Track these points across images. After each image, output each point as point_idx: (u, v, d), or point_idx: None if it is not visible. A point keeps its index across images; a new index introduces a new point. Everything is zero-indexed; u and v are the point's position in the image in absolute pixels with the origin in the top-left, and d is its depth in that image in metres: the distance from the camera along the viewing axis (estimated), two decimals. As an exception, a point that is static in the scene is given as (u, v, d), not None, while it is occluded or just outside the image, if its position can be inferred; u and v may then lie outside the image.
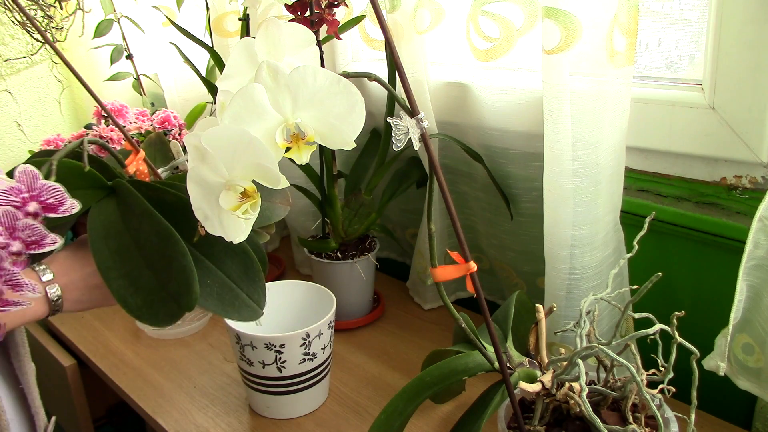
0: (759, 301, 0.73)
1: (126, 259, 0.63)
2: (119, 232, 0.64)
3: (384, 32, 0.48)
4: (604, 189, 0.82)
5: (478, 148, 1.00)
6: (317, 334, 0.86)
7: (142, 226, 0.63)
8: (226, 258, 0.66)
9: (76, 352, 1.15)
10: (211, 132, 0.50)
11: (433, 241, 0.58)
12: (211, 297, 0.64)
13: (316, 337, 0.86)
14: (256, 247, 0.67)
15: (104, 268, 0.62)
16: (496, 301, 1.18)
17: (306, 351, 0.86)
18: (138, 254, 0.63)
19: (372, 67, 1.21)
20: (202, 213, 0.56)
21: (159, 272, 0.62)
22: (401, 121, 0.50)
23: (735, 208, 0.82)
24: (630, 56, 0.77)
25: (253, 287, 0.65)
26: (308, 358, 0.86)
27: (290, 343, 0.84)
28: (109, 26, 1.38)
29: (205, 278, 0.64)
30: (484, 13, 0.89)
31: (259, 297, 0.65)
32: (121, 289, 0.62)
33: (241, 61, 0.57)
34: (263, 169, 0.51)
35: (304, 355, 0.86)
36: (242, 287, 0.65)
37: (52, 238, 0.50)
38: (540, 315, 0.67)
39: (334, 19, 0.92)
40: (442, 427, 0.87)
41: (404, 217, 1.28)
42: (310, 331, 0.85)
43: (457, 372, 0.67)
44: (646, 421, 0.62)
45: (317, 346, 0.87)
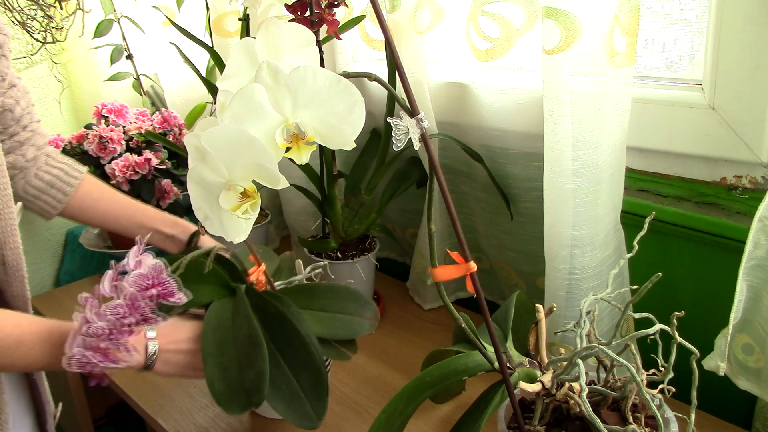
0: (759, 301, 0.73)
1: (223, 352, 0.74)
2: (226, 328, 0.76)
3: (384, 32, 0.48)
4: (604, 189, 0.82)
5: (478, 148, 1.00)
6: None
7: (242, 327, 0.75)
8: (302, 371, 0.75)
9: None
10: (211, 132, 0.50)
11: (433, 241, 0.58)
12: (283, 401, 0.74)
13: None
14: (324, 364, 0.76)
15: (205, 353, 0.74)
16: (496, 301, 1.18)
17: None
18: (233, 350, 0.74)
19: (372, 67, 1.21)
20: (202, 213, 0.56)
21: (243, 369, 0.72)
22: (401, 121, 0.50)
23: (735, 208, 0.82)
24: (630, 56, 0.77)
25: (318, 402, 0.74)
26: None
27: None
28: (109, 26, 1.38)
29: (281, 383, 0.74)
30: (484, 13, 0.89)
31: (321, 411, 0.74)
32: (213, 375, 0.73)
33: (241, 61, 0.57)
34: (263, 169, 0.51)
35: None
36: (310, 400, 0.74)
37: (155, 319, 0.64)
38: (540, 315, 0.67)
39: (334, 19, 0.92)
40: (442, 427, 0.87)
41: (404, 217, 1.28)
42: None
43: (457, 372, 0.67)
44: (646, 421, 0.62)
45: None
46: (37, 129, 0.89)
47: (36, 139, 0.89)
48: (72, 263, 1.53)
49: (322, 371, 0.75)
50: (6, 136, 0.85)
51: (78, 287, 1.36)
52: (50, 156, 0.94)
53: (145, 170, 1.32)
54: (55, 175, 0.93)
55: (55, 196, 0.93)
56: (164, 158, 1.34)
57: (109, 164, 1.31)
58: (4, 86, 0.81)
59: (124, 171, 1.30)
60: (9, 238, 0.74)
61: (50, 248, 1.54)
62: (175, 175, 1.37)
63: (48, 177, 0.92)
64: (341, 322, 0.81)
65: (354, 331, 0.81)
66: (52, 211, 0.94)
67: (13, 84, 0.83)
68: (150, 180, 1.32)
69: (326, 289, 0.83)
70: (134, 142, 1.31)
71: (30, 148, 0.88)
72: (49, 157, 0.94)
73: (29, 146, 0.88)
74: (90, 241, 1.44)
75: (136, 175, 1.30)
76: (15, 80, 0.84)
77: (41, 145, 0.91)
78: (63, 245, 1.57)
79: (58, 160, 0.95)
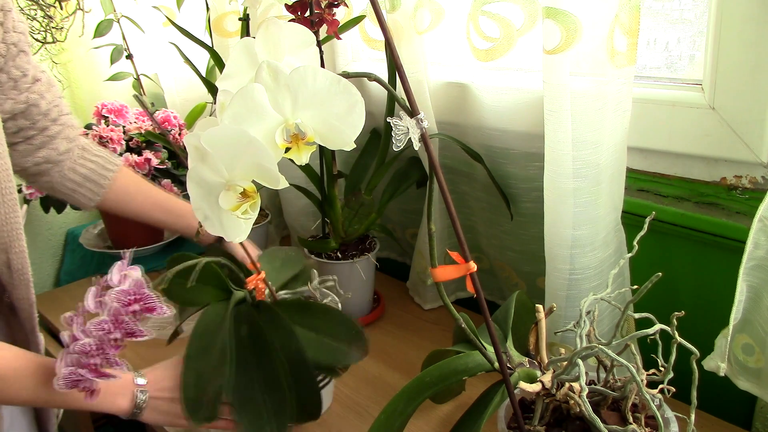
0: (759, 302, 0.73)
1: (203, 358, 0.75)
2: (212, 334, 0.77)
3: (384, 32, 0.48)
4: (604, 189, 0.82)
5: (478, 148, 1.00)
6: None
7: (219, 338, 0.77)
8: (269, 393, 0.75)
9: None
10: (211, 132, 0.50)
11: (433, 241, 0.58)
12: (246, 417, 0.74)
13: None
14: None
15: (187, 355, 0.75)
16: (496, 301, 1.18)
17: None
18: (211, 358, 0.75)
19: (372, 67, 1.21)
20: (202, 213, 0.56)
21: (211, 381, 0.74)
22: (401, 121, 0.50)
23: (735, 208, 0.82)
24: (631, 56, 0.77)
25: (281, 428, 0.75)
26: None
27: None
28: (109, 26, 1.38)
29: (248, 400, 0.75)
30: (484, 13, 0.89)
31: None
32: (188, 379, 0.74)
33: (241, 61, 0.57)
34: (263, 169, 0.51)
35: None
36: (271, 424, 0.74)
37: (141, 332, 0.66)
38: (540, 315, 0.67)
39: (334, 19, 0.92)
40: (442, 427, 0.87)
41: (404, 217, 1.28)
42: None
43: (457, 372, 0.67)
44: (646, 421, 0.62)
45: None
46: (67, 121, 0.90)
47: (67, 132, 0.90)
48: (72, 263, 1.53)
49: (286, 397, 0.74)
50: (36, 131, 0.86)
51: (78, 287, 1.36)
52: (85, 149, 0.94)
53: (145, 170, 1.32)
54: (90, 168, 0.93)
55: (92, 189, 0.94)
56: (164, 158, 1.34)
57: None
58: (28, 81, 0.82)
59: (124, 171, 1.30)
60: (15, 242, 0.75)
61: (50, 248, 1.54)
62: (175, 175, 1.37)
63: (83, 170, 0.93)
64: (327, 347, 0.78)
65: (336, 360, 0.79)
66: (89, 203, 0.95)
67: (37, 78, 0.84)
68: (150, 180, 1.32)
69: (322, 309, 0.81)
70: (134, 142, 1.31)
71: (62, 141, 0.89)
72: (85, 150, 0.94)
73: (61, 139, 0.88)
74: (90, 241, 1.44)
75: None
76: (39, 74, 0.84)
77: (73, 137, 0.91)
78: (63, 245, 1.57)
79: (93, 153, 0.95)
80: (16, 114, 0.83)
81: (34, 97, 0.83)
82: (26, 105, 0.82)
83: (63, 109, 0.89)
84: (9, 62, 0.79)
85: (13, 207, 0.74)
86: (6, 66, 0.79)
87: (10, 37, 0.77)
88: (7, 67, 0.79)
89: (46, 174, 0.90)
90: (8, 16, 0.76)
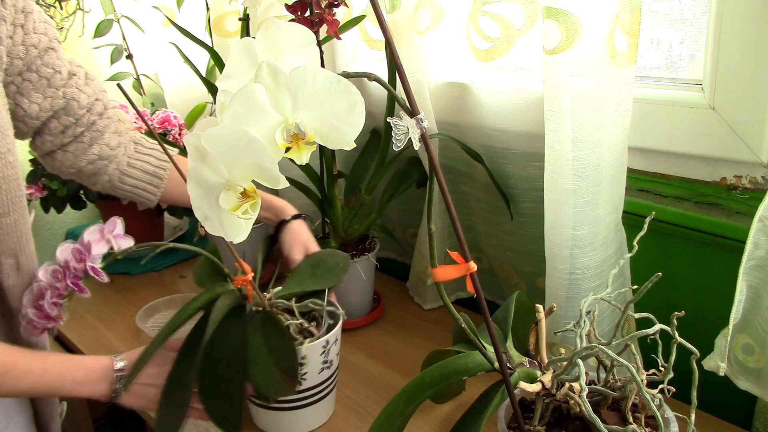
0: (759, 301, 0.73)
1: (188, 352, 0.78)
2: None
3: (384, 32, 0.48)
4: (605, 189, 0.82)
5: (478, 148, 1.00)
6: (334, 341, 0.84)
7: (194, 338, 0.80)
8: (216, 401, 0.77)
9: (76, 352, 1.15)
10: (211, 132, 0.50)
11: (433, 241, 0.58)
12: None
13: (333, 344, 0.84)
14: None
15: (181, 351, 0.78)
16: (496, 301, 1.18)
17: (325, 359, 0.83)
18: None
19: (372, 67, 1.21)
20: (202, 213, 0.56)
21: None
22: (401, 121, 0.50)
23: (735, 208, 0.82)
24: (632, 56, 0.77)
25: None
26: (326, 366, 0.84)
27: (311, 353, 0.81)
28: (109, 26, 1.38)
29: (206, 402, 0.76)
30: (484, 13, 0.89)
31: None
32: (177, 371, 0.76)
33: (241, 61, 0.57)
34: (263, 169, 0.51)
35: (324, 364, 0.84)
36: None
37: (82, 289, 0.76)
38: (540, 315, 0.67)
39: (334, 19, 0.92)
40: (442, 427, 0.87)
41: (404, 217, 1.28)
42: (329, 338, 0.82)
43: (457, 372, 0.67)
44: (646, 421, 0.62)
45: (333, 353, 0.85)
46: (114, 115, 0.89)
47: (116, 126, 0.89)
48: (72, 263, 1.53)
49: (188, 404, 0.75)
50: (82, 127, 0.86)
51: (78, 287, 1.36)
52: (139, 142, 0.93)
53: (145, 170, 1.31)
54: (146, 161, 0.93)
55: (152, 182, 0.93)
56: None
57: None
58: (63, 78, 0.82)
59: (124, 171, 1.30)
60: (24, 246, 0.76)
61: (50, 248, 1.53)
62: (175, 175, 1.37)
63: (140, 164, 0.92)
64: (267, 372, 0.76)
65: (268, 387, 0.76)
66: (152, 198, 0.94)
67: (73, 73, 0.84)
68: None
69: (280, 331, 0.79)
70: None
71: (112, 136, 0.88)
72: (138, 143, 0.93)
73: (111, 134, 0.88)
74: (90, 241, 1.44)
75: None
76: (74, 69, 0.84)
77: (123, 131, 0.91)
78: (63, 245, 1.57)
79: (147, 146, 0.94)
80: (58, 111, 0.83)
81: (72, 91, 0.83)
82: (65, 100, 0.82)
83: (108, 104, 0.88)
84: (36, 61, 0.79)
85: (23, 213, 0.75)
86: (34, 65, 0.79)
87: (29, 39, 0.77)
88: (36, 66, 0.79)
89: (104, 172, 0.89)
90: (29, 18, 0.77)
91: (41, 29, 0.79)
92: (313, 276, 0.89)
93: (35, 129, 0.84)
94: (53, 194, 1.31)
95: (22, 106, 0.79)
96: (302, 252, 0.93)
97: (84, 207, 1.38)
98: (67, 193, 1.31)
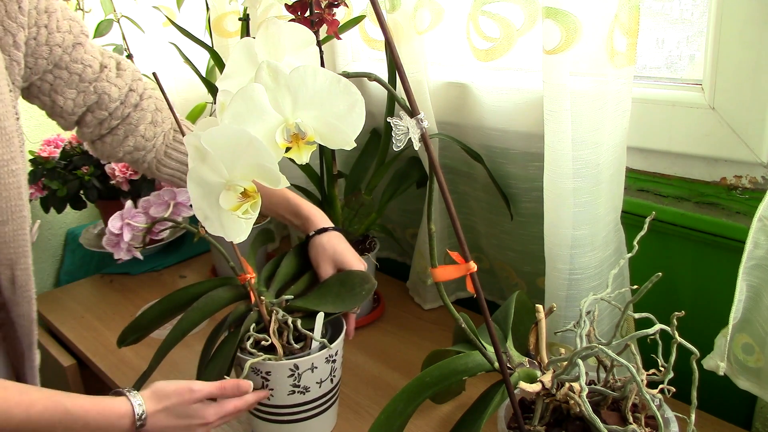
0: (759, 301, 0.73)
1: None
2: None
3: (384, 32, 0.48)
4: (604, 189, 0.82)
5: (478, 148, 1.00)
6: (309, 368, 0.79)
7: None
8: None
9: (76, 352, 1.15)
10: (211, 132, 0.50)
11: (433, 241, 0.58)
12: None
13: (308, 371, 0.79)
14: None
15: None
16: (496, 301, 1.18)
17: (295, 383, 0.79)
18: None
19: (372, 67, 1.21)
20: (202, 213, 0.56)
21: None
22: (401, 121, 0.50)
23: (735, 208, 0.82)
24: (631, 56, 0.77)
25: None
26: (298, 391, 0.80)
27: (277, 372, 0.78)
28: (109, 26, 1.38)
29: None
30: (484, 13, 0.89)
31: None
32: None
33: (241, 61, 0.57)
34: (263, 169, 0.51)
35: (294, 387, 0.80)
36: None
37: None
38: (540, 315, 0.67)
39: (334, 19, 0.92)
40: (442, 427, 0.87)
41: (404, 217, 1.28)
42: (300, 363, 0.78)
43: (457, 372, 0.67)
44: (646, 421, 0.62)
45: (310, 380, 0.80)
46: (149, 105, 0.89)
47: (152, 116, 0.90)
48: (72, 263, 1.53)
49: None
50: (117, 119, 0.87)
51: (78, 287, 1.36)
52: (178, 131, 0.93)
53: (145, 170, 1.31)
54: (182, 151, 0.93)
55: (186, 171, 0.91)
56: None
57: (109, 164, 1.32)
58: (94, 71, 0.83)
59: (124, 171, 1.30)
60: (21, 259, 0.75)
61: (50, 248, 1.54)
62: (175, 175, 1.37)
63: (176, 154, 0.93)
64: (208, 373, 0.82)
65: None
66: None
67: (104, 65, 0.84)
68: (150, 180, 1.32)
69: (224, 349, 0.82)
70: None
71: (148, 127, 0.89)
72: (177, 132, 0.93)
73: (146, 125, 0.89)
74: (90, 241, 1.44)
75: (136, 175, 1.30)
76: (106, 60, 0.85)
77: (161, 121, 0.91)
78: (63, 245, 1.57)
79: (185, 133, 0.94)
80: (91, 105, 0.84)
81: (103, 86, 0.84)
82: (96, 95, 0.84)
83: (143, 92, 0.89)
84: (64, 58, 0.80)
85: (22, 225, 0.74)
86: (62, 62, 0.80)
87: (53, 39, 0.78)
88: (64, 64, 0.80)
89: (142, 161, 0.91)
90: (52, 18, 0.78)
91: (65, 27, 0.79)
92: (338, 295, 0.86)
93: (75, 122, 0.86)
94: (53, 194, 1.31)
95: (57, 102, 0.82)
96: (330, 267, 0.89)
97: (84, 207, 1.37)
98: (67, 193, 1.31)
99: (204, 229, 0.57)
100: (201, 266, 1.42)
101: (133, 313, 1.19)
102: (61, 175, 1.33)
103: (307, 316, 0.85)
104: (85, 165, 1.33)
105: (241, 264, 0.83)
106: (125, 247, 0.95)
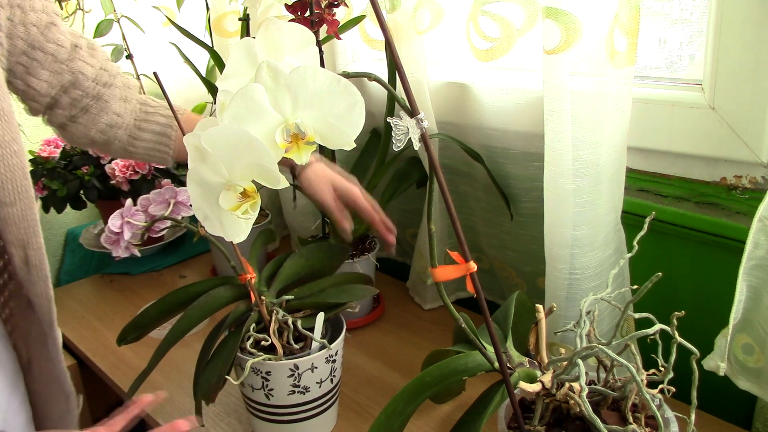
0: (759, 301, 0.73)
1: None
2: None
3: (384, 32, 0.48)
4: (604, 189, 0.82)
5: (478, 148, 1.00)
6: (309, 368, 0.79)
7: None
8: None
9: (76, 352, 1.15)
10: (211, 132, 0.50)
11: (433, 241, 0.58)
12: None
13: (308, 371, 0.79)
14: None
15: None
16: (496, 301, 1.18)
17: (295, 383, 0.80)
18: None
19: (372, 67, 1.21)
20: (202, 213, 0.56)
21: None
22: (401, 121, 0.50)
23: (735, 208, 0.82)
24: (631, 56, 0.77)
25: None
26: (298, 391, 0.80)
27: (277, 372, 0.78)
28: (109, 26, 1.38)
29: None
30: (484, 13, 0.89)
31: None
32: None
33: (241, 61, 0.57)
34: (263, 169, 0.51)
35: (294, 387, 0.80)
36: None
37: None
38: (540, 315, 0.67)
39: (334, 19, 0.92)
40: (442, 427, 0.87)
41: (404, 217, 1.28)
42: (299, 363, 0.78)
43: (457, 372, 0.67)
44: (646, 421, 0.62)
45: (310, 380, 0.80)
46: (121, 83, 0.89)
47: (123, 93, 0.89)
48: (72, 263, 1.53)
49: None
50: (90, 99, 0.86)
51: (78, 287, 1.36)
52: (145, 103, 0.93)
53: (144, 170, 1.32)
54: (153, 121, 0.92)
55: (161, 141, 0.93)
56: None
57: (109, 164, 1.32)
58: (67, 51, 0.82)
59: (124, 171, 1.30)
60: (32, 239, 0.75)
61: (50, 248, 1.54)
62: (175, 175, 1.37)
63: (147, 125, 0.92)
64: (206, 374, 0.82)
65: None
66: (166, 157, 0.94)
67: (76, 45, 0.84)
68: (150, 180, 1.32)
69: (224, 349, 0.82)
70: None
71: (119, 104, 0.89)
72: (145, 104, 0.93)
73: (118, 102, 0.89)
74: (90, 241, 1.44)
75: (136, 175, 1.30)
76: (77, 40, 0.85)
77: (131, 97, 0.91)
78: (63, 245, 1.57)
79: (153, 106, 0.94)
80: (66, 86, 0.84)
81: (78, 65, 0.83)
82: (72, 75, 0.83)
83: (114, 72, 0.89)
84: (39, 38, 0.79)
85: (30, 204, 0.74)
86: (37, 42, 0.79)
87: (29, 18, 0.77)
88: (39, 44, 0.79)
89: (115, 138, 0.90)
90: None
91: (39, 7, 0.79)
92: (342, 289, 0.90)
93: (47, 105, 0.85)
94: (53, 194, 1.31)
95: (31, 85, 0.81)
96: (329, 189, 0.88)
97: (84, 207, 1.38)
98: (67, 193, 1.31)
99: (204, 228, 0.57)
100: (201, 266, 1.43)
101: (133, 313, 1.18)
102: (61, 175, 1.33)
103: (307, 316, 0.85)
104: (85, 165, 1.33)
105: (242, 263, 0.83)
106: (124, 245, 0.95)
